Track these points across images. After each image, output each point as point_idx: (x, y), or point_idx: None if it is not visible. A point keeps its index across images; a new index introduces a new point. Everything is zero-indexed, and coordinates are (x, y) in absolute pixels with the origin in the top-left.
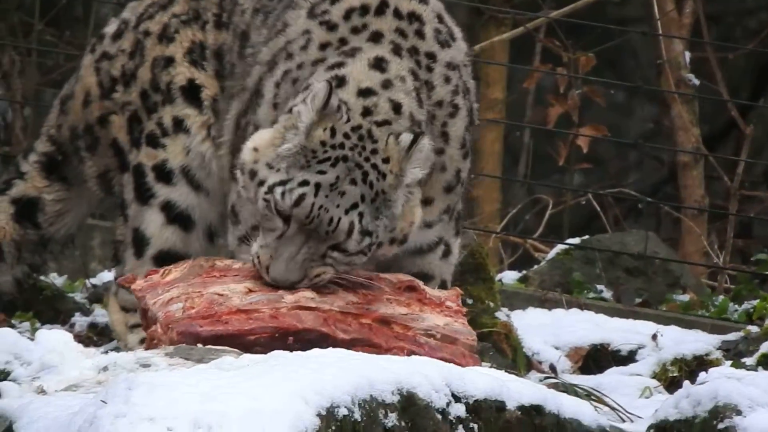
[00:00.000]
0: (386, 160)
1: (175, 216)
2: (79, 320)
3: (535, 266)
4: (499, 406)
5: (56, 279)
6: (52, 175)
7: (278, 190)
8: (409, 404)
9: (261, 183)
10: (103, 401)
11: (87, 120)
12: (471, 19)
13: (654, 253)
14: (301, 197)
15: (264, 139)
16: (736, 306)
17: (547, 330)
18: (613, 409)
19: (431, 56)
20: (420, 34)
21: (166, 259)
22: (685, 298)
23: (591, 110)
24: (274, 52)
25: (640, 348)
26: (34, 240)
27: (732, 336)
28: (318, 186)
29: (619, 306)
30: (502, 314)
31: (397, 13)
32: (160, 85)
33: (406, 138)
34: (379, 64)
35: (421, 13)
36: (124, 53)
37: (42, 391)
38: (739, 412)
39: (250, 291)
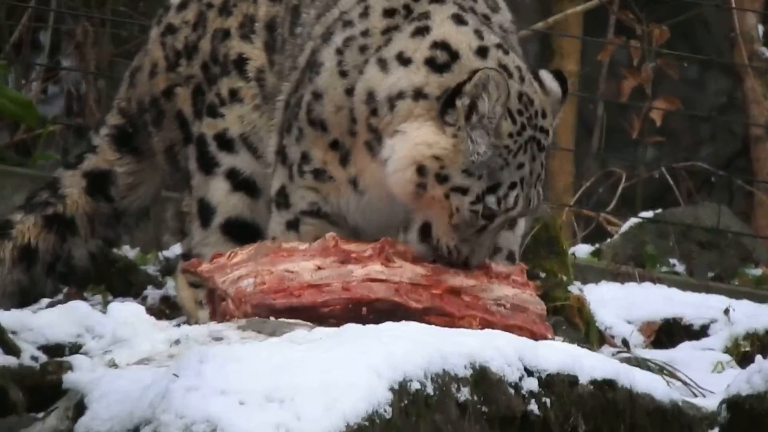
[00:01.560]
0: (544, 115)
1: (240, 182)
2: (152, 293)
3: (608, 240)
4: (572, 381)
5: (129, 251)
6: (123, 147)
7: (490, 199)
8: (482, 378)
9: (463, 191)
10: (175, 374)
11: (153, 93)
12: None
13: (727, 226)
14: (516, 200)
15: (443, 146)
16: None
17: (620, 304)
18: (685, 383)
19: (487, 17)
20: (491, 3)
21: (234, 227)
22: (758, 272)
23: (664, 83)
24: (328, 25)
25: (712, 322)
26: (107, 213)
27: None
28: (522, 181)
29: (692, 280)
30: (574, 288)
31: None
32: (218, 57)
33: (555, 88)
34: (463, 20)
35: None
36: (188, 25)
37: (114, 365)
38: None
39: (320, 268)
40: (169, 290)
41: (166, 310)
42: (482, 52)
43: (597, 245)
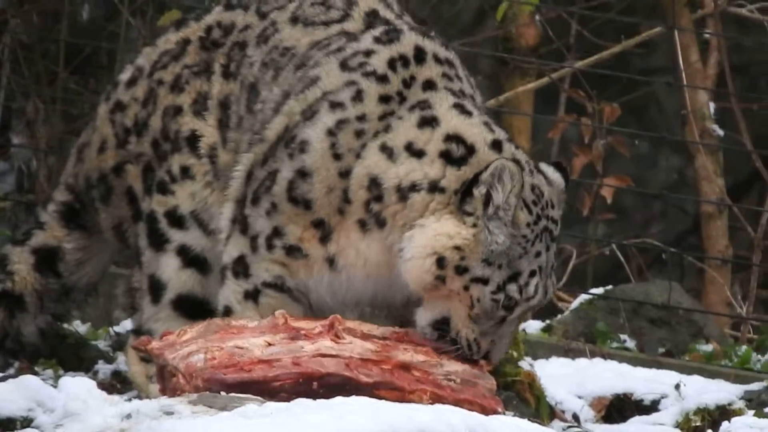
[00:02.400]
0: (553, 206)
1: (191, 259)
2: (103, 368)
3: (559, 316)
4: None
5: (79, 327)
6: (71, 223)
7: (512, 287)
8: None
9: (483, 281)
10: None
11: (101, 169)
12: (496, 69)
13: (677, 303)
14: (536, 289)
15: (464, 236)
16: (759, 356)
17: (571, 379)
18: None
19: (473, 98)
20: (459, 78)
21: (185, 303)
22: (709, 348)
23: (615, 161)
24: (310, 103)
25: (663, 397)
26: (55, 289)
27: (755, 386)
28: (540, 270)
29: (643, 356)
30: (525, 363)
31: (437, 59)
32: (169, 134)
33: (558, 179)
34: (466, 110)
35: (452, 58)
36: (137, 102)
37: None
38: None
39: (270, 344)
40: (120, 365)
41: (117, 384)
42: (497, 145)
43: (548, 321)
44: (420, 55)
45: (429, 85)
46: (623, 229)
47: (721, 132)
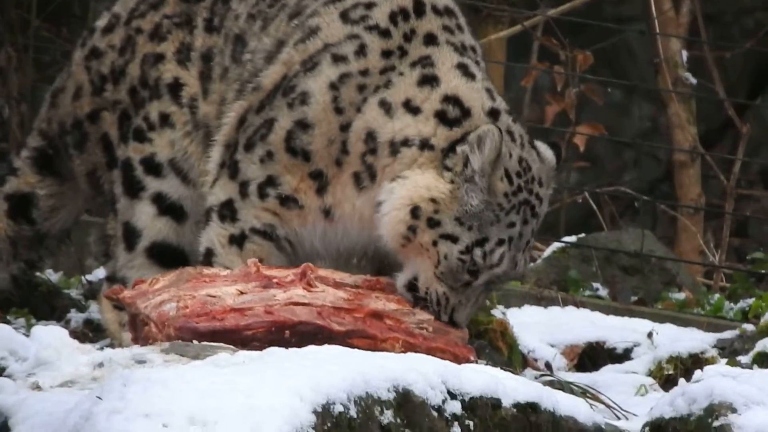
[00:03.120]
0: (540, 183)
1: (167, 207)
2: (75, 316)
3: (532, 264)
4: (495, 404)
5: (52, 275)
6: (44, 170)
7: (477, 252)
8: (405, 401)
9: (453, 239)
10: (98, 397)
11: (76, 115)
12: (469, 17)
13: (650, 251)
14: (501, 257)
15: (441, 190)
16: (732, 304)
17: (543, 328)
18: (608, 406)
19: (474, 49)
20: (459, 27)
21: (159, 251)
22: (681, 296)
23: (588, 109)
24: (311, 54)
25: (635, 346)
26: (29, 236)
27: (727, 334)
28: (510, 240)
29: (615, 304)
30: (497, 312)
31: (436, 10)
32: (148, 81)
33: (550, 156)
34: (469, 72)
35: (452, 6)
36: (114, 49)
37: (37, 387)
38: (734, 410)
39: (242, 293)
40: (92, 314)
41: (90, 333)
42: (494, 114)
43: None
44: (419, 7)
45: (430, 39)
46: (596, 177)
47: (693, 80)
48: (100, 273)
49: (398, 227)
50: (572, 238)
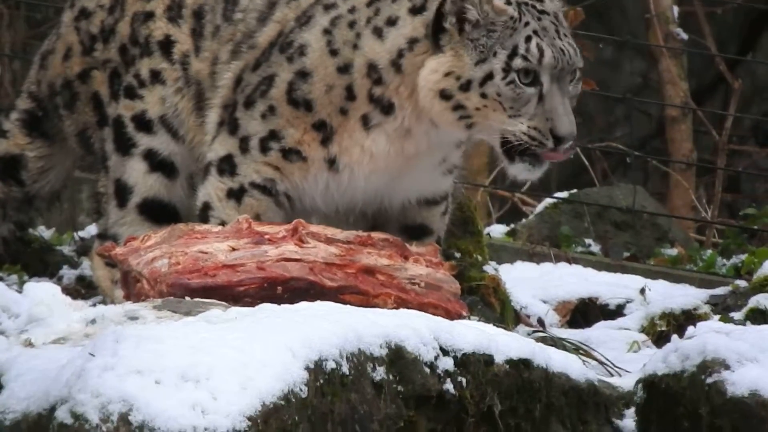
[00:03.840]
0: None
1: (158, 163)
2: (67, 273)
3: (523, 220)
4: (488, 360)
5: (44, 232)
6: (34, 131)
7: (516, 62)
8: (397, 357)
9: (489, 77)
10: (91, 354)
11: (66, 75)
12: None
13: (642, 207)
14: (539, 48)
15: (443, 63)
16: (724, 260)
17: (535, 284)
18: (601, 363)
19: None
20: None
21: (150, 207)
22: (673, 252)
23: None
24: (303, 9)
25: (628, 302)
26: (18, 197)
27: (720, 290)
28: (536, 33)
29: (607, 260)
30: (490, 268)
31: None
32: (138, 39)
33: None
34: None
35: None
36: (103, 9)
37: (30, 344)
38: (727, 367)
39: (234, 249)
40: (85, 270)
41: (82, 289)
42: None
43: (512, 225)
44: None
45: None
46: (587, 132)
47: (684, 36)
48: (92, 229)
49: (447, 115)
50: (564, 194)
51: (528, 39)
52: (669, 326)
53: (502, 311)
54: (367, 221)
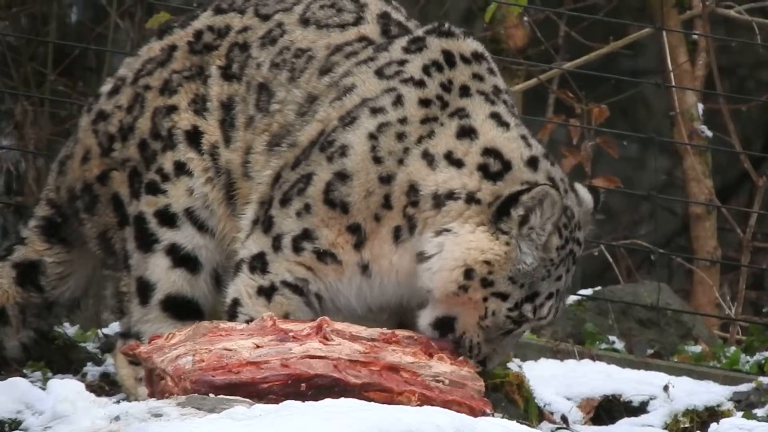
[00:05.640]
0: (579, 227)
1: (181, 258)
2: (91, 370)
3: None
4: None
5: (68, 328)
6: (53, 238)
7: (527, 307)
8: None
9: (503, 297)
10: None
11: (86, 179)
12: None
13: (666, 304)
14: (549, 311)
15: (496, 252)
16: (748, 357)
17: (559, 381)
18: None
19: (506, 92)
20: (491, 71)
21: (173, 304)
22: (697, 349)
23: (604, 162)
24: (348, 109)
25: (651, 399)
26: (38, 303)
27: (744, 387)
28: (558, 293)
29: (632, 357)
30: (514, 365)
31: (464, 59)
32: (161, 132)
33: (588, 199)
34: (503, 121)
35: (482, 51)
36: (121, 109)
37: None
38: None
39: (258, 346)
40: (109, 367)
41: (106, 386)
42: (533, 162)
43: None
44: (449, 58)
45: (464, 91)
46: (612, 229)
47: (709, 133)
48: (116, 326)
49: (450, 286)
50: (588, 291)
51: (549, 297)
52: (692, 423)
53: (525, 408)
54: (396, 317)
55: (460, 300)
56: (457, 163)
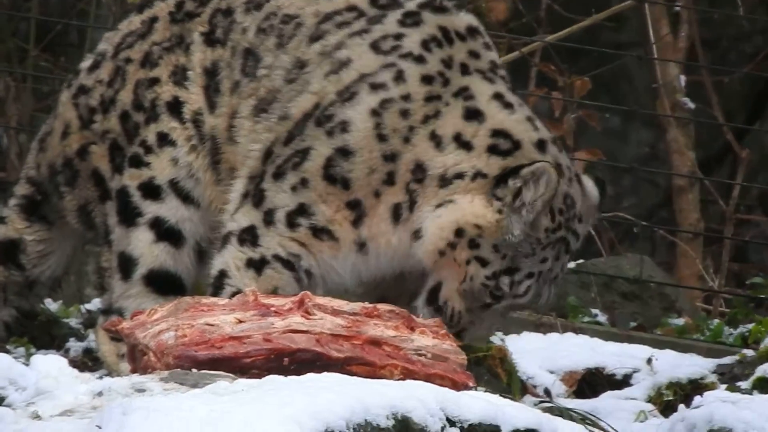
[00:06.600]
0: (580, 219)
1: (165, 231)
2: (74, 345)
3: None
4: (494, 430)
5: (51, 304)
6: (32, 216)
7: (505, 279)
8: (404, 428)
9: (483, 263)
10: (98, 426)
11: (66, 154)
12: None
13: (649, 277)
14: (527, 290)
15: (488, 218)
16: (732, 330)
17: (542, 354)
18: None
19: (495, 65)
20: (487, 46)
21: (156, 278)
22: (680, 322)
23: (586, 134)
24: (346, 84)
25: (635, 372)
26: (18, 282)
27: (727, 360)
28: (540, 274)
29: (614, 330)
30: (496, 338)
31: (460, 36)
32: (143, 104)
33: (594, 193)
34: (507, 103)
35: (476, 25)
36: (102, 83)
37: (37, 417)
38: None
39: (240, 321)
40: (92, 343)
41: (89, 362)
42: (541, 145)
43: None
44: (446, 34)
45: (464, 69)
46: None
47: (692, 105)
48: (99, 302)
49: (438, 243)
50: (571, 264)
51: (529, 276)
52: (676, 396)
53: (508, 382)
54: (378, 291)
55: (446, 261)
56: (467, 146)
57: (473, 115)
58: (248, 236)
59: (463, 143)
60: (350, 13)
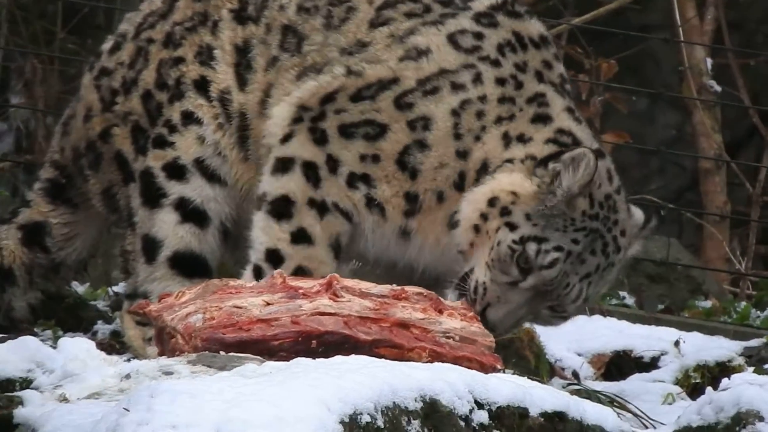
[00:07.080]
0: (623, 233)
1: (190, 212)
2: (102, 328)
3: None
4: (522, 413)
5: (78, 287)
6: (57, 199)
7: (532, 246)
8: (432, 411)
9: (512, 227)
10: (125, 409)
11: (89, 137)
12: None
13: (676, 259)
14: (554, 261)
15: (525, 187)
16: (759, 312)
17: (570, 337)
18: (635, 415)
19: (563, 78)
20: (557, 57)
21: (181, 260)
22: (708, 304)
23: (613, 117)
24: (426, 75)
25: (662, 354)
26: (44, 264)
27: (754, 342)
28: (569, 254)
29: (642, 312)
30: None
31: (534, 43)
32: (167, 82)
33: (639, 215)
34: (578, 117)
35: (546, 34)
36: (123, 65)
37: (64, 399)
38: (761, 418)
39: (268, 304)
40: (119, 325)
41: (116, 344)
42: (600, 155)
43: None
44: (520, 40)
45: (539, 76)
46: (622, 185)
47: (718, 88)
48: (124, 286)
49: (472, 217)
50: None
51: (558, 249)
52: (703, 378)
53: (536, 364)
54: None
55: (479, 239)
56: (527, 141)
57: (542, 119)
58: (311, 173)
59: (524, 140)
60: (414, 3)
